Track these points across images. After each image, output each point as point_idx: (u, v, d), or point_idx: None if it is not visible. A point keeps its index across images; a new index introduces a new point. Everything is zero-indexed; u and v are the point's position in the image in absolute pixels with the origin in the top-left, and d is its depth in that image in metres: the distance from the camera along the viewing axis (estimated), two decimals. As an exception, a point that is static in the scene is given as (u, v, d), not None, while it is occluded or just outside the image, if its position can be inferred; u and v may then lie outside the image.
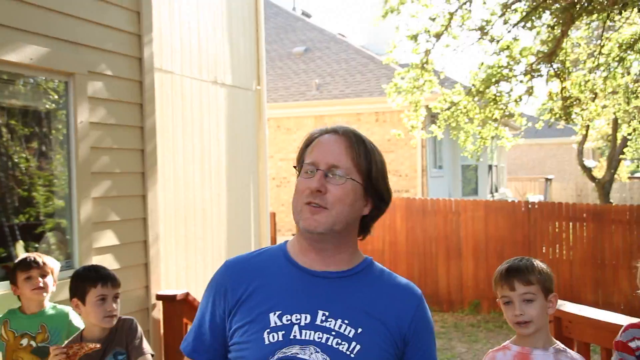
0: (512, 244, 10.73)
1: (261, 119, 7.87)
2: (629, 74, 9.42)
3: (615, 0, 6.92)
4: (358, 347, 1.65)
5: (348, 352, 1.64)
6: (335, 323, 1.67)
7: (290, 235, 12.37)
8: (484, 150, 12.17)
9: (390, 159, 15.35)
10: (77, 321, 3.47)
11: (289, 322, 1.65)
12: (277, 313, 1.66)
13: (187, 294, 5.12)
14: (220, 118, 7.31)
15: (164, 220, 6.21)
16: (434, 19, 8.53)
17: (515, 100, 9.28)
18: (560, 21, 8.08)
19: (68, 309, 3.55)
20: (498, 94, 9.10)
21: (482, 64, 9.30)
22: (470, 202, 11.64)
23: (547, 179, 26.69)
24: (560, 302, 3.53)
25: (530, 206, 11.12)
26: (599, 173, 19.29)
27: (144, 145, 4.97)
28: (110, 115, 4.66)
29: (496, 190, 22.40)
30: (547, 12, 8.14)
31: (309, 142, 1.77)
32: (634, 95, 9.61)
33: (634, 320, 2.66)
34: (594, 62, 9.42)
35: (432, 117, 10.02)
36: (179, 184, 6.58)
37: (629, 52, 8.98)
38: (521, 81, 8.92)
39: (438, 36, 8.48)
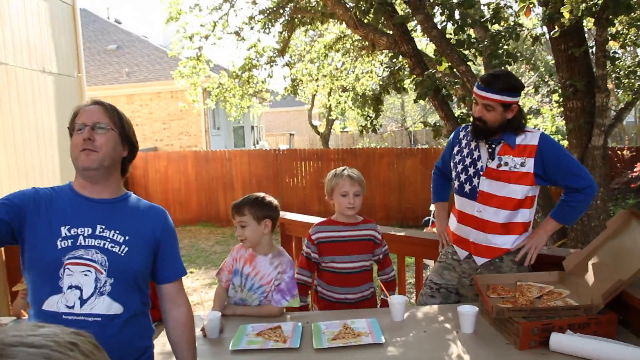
0: (266, 178, 11.46)
1: (82, 97, 7.73)
2: (330, 65, 10.57)
3: (314, 17, 7.88)
4: (126, 248, 1.69)
5: (119, 252, 1.68)
6: (110, 233, 1.69)
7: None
8: (244, 116, 12.66)
9: (183, 123, 15.85)
10: None
11: (76, 233, 1.65)
12: (67, 227, 1.65)
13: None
14: (50, 98, 7.10)
15: (8, 177, 6.13)
16: (203, 25, 8.78)
17: (262, 81, 9.60)
18: (286, 29, 8.88)
19: None
20: (250, 77, 9.38)
21: (238, 57, 9.59)
22: (238, 152, 12.10)
23: (291, 134, 27.63)
24: (284, 213, 3.88)
25: (278, 152, 11.81)
26: (322, 129, 20.81)
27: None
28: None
29: (257, 143, 23.38)
30: (278, 22, 8.85)
31: (76, 113, 1.75)
32: (336, 78, 10.82)
33: (323, 220, 2.91)
34: (310, 56, 10.48)
35: (208, 93, 10.34)
36: (18, 149, 6.46)
37: (330, 51, 10.15)
38: (264, 68, 9.22)
39: (207, 37, 8.73)
